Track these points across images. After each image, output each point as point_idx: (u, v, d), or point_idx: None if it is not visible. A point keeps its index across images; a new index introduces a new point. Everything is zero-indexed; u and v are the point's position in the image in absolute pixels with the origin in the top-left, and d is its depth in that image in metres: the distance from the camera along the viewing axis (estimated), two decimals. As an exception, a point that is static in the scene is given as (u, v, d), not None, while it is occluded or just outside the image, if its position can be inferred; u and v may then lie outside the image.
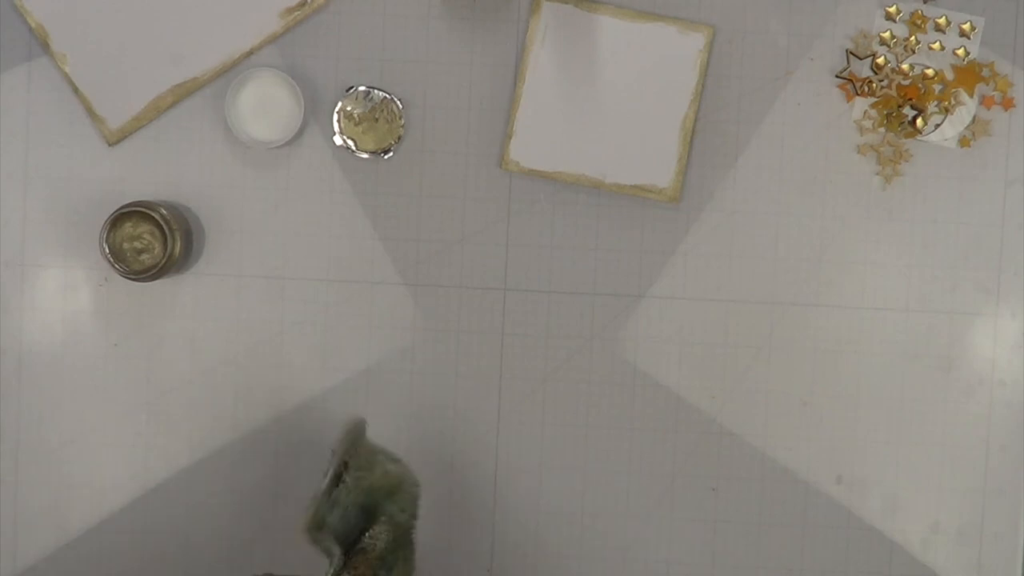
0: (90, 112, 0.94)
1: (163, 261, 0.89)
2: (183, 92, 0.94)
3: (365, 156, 0.94)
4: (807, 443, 0.95)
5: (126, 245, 0.90)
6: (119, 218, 0.89)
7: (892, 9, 0.94)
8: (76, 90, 0.94)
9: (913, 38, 0.94)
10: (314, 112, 0.95)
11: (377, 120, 0.93)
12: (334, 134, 0.94)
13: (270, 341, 0.95)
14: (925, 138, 0.95)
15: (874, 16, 0.95)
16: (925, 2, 0.95)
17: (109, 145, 0.95)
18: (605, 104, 0.94)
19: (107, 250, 0.89)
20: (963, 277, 0.95)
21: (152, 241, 0.89)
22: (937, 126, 0.95)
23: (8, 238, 0.94)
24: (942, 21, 0.94)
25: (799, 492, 0.95)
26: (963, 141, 0.95)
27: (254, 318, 0.95)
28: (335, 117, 0.94)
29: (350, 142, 0.94)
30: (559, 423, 0.95)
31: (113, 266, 0.89)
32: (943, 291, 0.95)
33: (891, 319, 0.95)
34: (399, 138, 0.94)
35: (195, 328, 0.95)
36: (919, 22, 0.94)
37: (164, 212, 0.89)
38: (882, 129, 0.95)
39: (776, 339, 0.95)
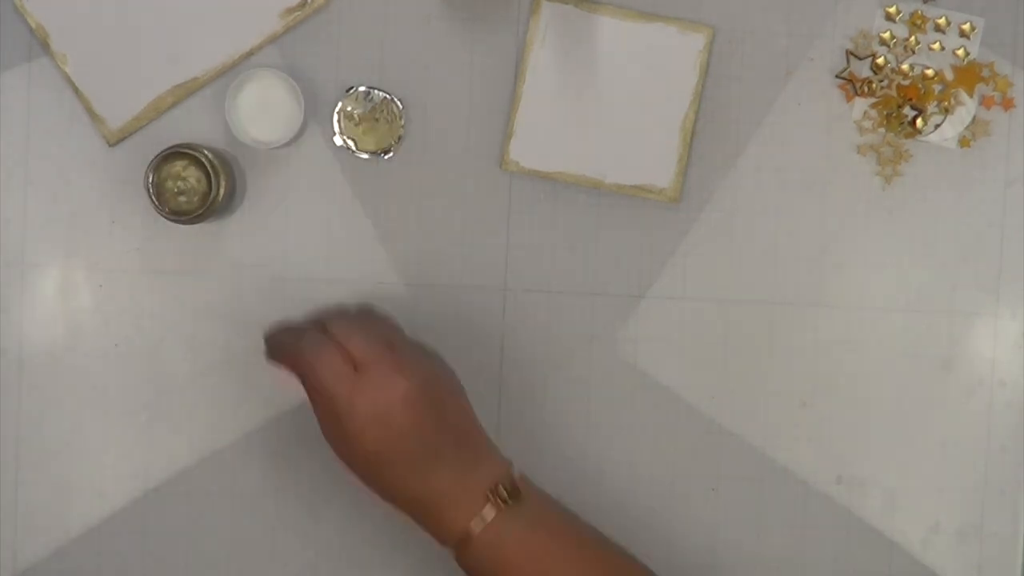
0: (90, 112, 0.94)
1: (203, 209, 0.90)
2: (183, 92, 0.94)
3: (365, 156, 0.94)
4: (807, 443, 0.95)
5: (169, 183, 0.89)
6: (168, 156, 0.89)
7: (892, 9, 0.94)
8: (76, 90, 0.94)
9: (913, 38, 0.94)
10: (314, 112, 0.95)
11: (377, 120, 0.93)
12: (334, 134, 0.94)
13: (270, 341, 0.95)
14: (925, 138, 0.95)
15: (874, 16, 0.95)
16: (925, 2, 0.95)
17: (109, 145, 0.95)
18: (605, 104, 0.94)
19: (151, 178, 0.89)
20: (963, 277, 0.95)
21: (196, 186, 0.89)
22: (937, 126, 0.95)
23: (8, 238, 0.94)
24: (942, 21, 0.94)
25: (799, 492, 0.95)
26: (963, 141, 0.95)
27: (254, 318, 0.95)
28: (335, 117, 0.94)
29: (350, 142, 0.94)
30: (559, 423, 0.95)
31: (153, 202, 0.90)
32: (943, 291, 0.95)
33: (891, 319, 0.95)
34: (399, 138, 0.94)
35: (195, 328, 0.95)
36: (919, 22, 0.94)
37: (210, 155, 0.90)
38: (882, 129, 0.95)
39: (776, 339, 0.95)
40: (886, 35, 0.94)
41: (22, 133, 0.95)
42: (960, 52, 0.94)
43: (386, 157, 0.94)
